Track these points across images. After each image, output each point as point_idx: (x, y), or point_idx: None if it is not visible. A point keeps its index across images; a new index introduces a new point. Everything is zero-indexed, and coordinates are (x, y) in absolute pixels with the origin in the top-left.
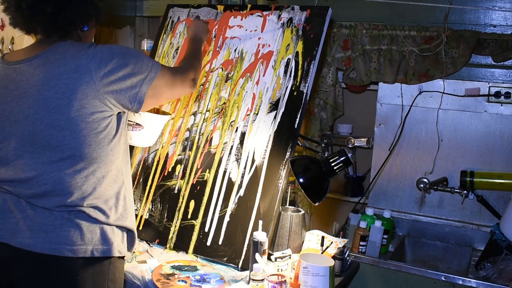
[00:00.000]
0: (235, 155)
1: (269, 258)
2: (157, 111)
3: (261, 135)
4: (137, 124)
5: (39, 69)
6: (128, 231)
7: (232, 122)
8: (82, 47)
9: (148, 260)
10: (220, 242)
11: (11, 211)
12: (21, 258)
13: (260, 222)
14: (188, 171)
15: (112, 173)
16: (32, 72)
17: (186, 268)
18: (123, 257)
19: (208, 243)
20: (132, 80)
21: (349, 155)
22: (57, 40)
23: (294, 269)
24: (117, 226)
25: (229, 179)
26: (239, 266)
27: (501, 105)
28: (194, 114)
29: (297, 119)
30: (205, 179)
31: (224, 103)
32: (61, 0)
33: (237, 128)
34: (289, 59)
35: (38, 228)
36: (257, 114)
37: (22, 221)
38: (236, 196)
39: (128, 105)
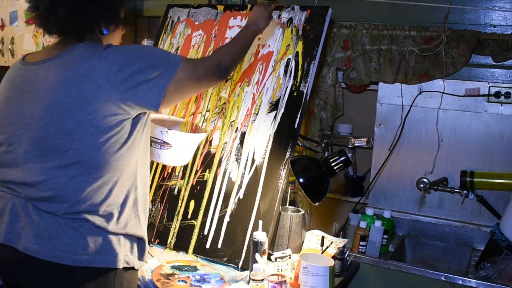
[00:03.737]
0: (235, 155)
1: (269, 258)
2: (195, 128)
3: (261, 135)
4: (164, 142)
5: (52, 71)
6: (139, 240)
7: (232, 122)
8: (97, 49)
9: (148, 260)
10: (220, 242)
11: (18, 215)
12: (26, 263)
13: (260, 222)
14: (188, 171)
15: (122, 180)
16: (46, 75)
17: (186, 268)
18: (133, 267)
19: (208, 243)
20: (147, 77)
21: (349, 155)
22: (76, 41)
23: (294, 269)
24: (125, 235)
25: (229, 179)
26: (239, 266)
27: (501, 105)
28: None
29: (297, 119)
30: (205, 179)
31: (224, 103)
32: (73, 4)
33: (237, 128)
34: (289, 59)
35: (42, 234)
36: (257, 114)
37: (28, 226)
38: (236, 196)
39: (144, 103)
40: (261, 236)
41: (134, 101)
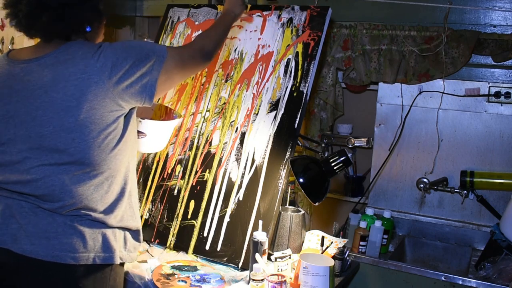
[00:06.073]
0: (235, 155)
1: (269, 258)
2: (169, 111)
3: (261, 135)
4: (139, 132)
5: (47, 69)
6: (132, 232)
7: (232, 122)
8: (92, 47)
9: (148, 259)
10: (220, 242)
11: (12, 217)
12: (23, 264)
13: (260, 222)
14: (188, 171)
15: (120, 174)
16: (40, 73)
17: (186, 268)
18: (123, 263)
19: (208, 243)
20: (141, 71)
21: (349, 155)
22: (63, 41)
23: (294, 269)
24: (120, 228)
25: (229, 179)
26: (239, 266)
27: (501, 105)
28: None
29: (297, 119)
30: (205, 179)
31: (224, 104)
32: (57, 8)
33: (237, 128)
34: (289, 59)
35: (40, 235)
36: (257, 114)
37: (25, 227)
38: (236, 196)
39: (140, 97)
40: (261, 236)
41: (130, 96)
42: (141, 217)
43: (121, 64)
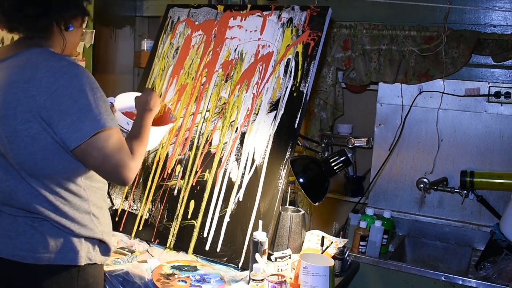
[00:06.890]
0: (235, 155)
1: (269, 258)
2: (167, 111)
3: (261, 135)
4: (125, 132)
5: (1, 73)
6: (100, 242)
7: (232, 122)
8: (49, 58)
9: (148, 259)
10: (220, 242)
11: None
12: None
13: (260, 222)
14: (188, 172)
15: (71, 188)
16: None
17: (186, 268)
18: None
19: (208, 243)
20: (68, 122)
21: (349, 155)
22: (37, 41)
23: (294, 269)
24: (86, 238)
25: (229, 179)
26: (239, 266)
27: (501, 105)
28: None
29: (297, 119)
30: (205, 179)
31: (224, 104)
32: (44, 2)
33: (237, 128)
34: (289, 59)
35: (2, 234)
36: (257, 114)
37: None
38: (236, 196)
39: (63, 139)
40: (261, 236)
41: (56, 130)
42: (141, 217)
43: (61, 98)
